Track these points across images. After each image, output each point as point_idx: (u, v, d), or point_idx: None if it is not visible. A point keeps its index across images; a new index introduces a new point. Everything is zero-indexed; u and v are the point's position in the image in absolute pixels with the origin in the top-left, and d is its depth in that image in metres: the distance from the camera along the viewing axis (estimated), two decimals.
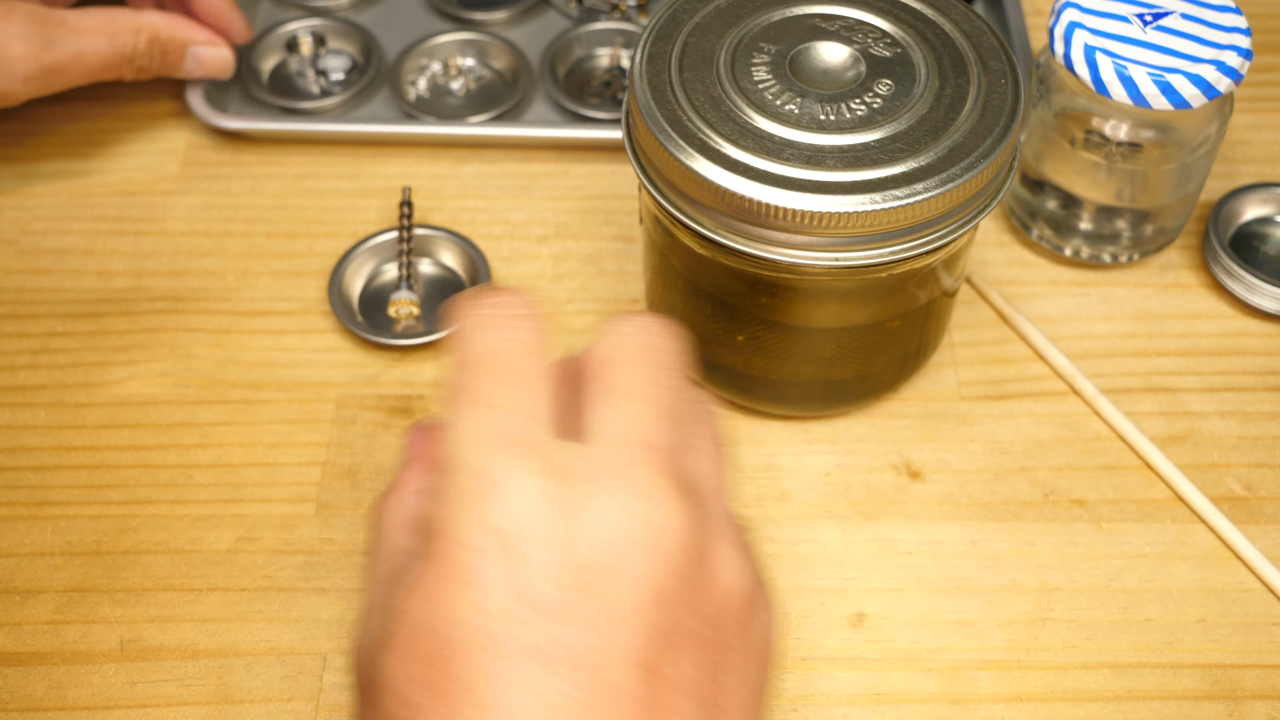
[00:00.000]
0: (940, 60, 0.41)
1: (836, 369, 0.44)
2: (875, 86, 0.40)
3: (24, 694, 0.40)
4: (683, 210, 0.39)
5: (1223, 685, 0.40)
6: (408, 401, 0.47)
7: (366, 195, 0.54)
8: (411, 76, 0.58)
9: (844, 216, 0.37)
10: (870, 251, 0.38)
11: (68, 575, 0.43)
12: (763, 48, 0.41)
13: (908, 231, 0.38)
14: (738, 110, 0.39)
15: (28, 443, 0.46)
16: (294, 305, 0.50)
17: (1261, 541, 0.43)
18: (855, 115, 0.39)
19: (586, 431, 0.30)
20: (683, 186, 0.39)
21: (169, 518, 0.44)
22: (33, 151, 0.56)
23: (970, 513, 0.44)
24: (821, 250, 0.38)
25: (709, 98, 0.40)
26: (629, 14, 0.60)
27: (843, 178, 0.37)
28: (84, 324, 0.49)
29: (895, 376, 0.46)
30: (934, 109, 0.39)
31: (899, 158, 0.38)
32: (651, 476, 0.29)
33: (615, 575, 0.28)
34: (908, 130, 0.39)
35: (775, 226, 0.38)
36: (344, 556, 0.43)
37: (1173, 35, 0.46)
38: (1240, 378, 0.48)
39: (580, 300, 0.50)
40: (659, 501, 0.28)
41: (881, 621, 0.42)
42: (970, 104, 0.39)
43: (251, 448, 0.46)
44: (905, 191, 0.37)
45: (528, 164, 0.55)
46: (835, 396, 0.46)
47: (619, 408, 0.30)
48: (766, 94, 0.40)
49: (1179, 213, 0.50)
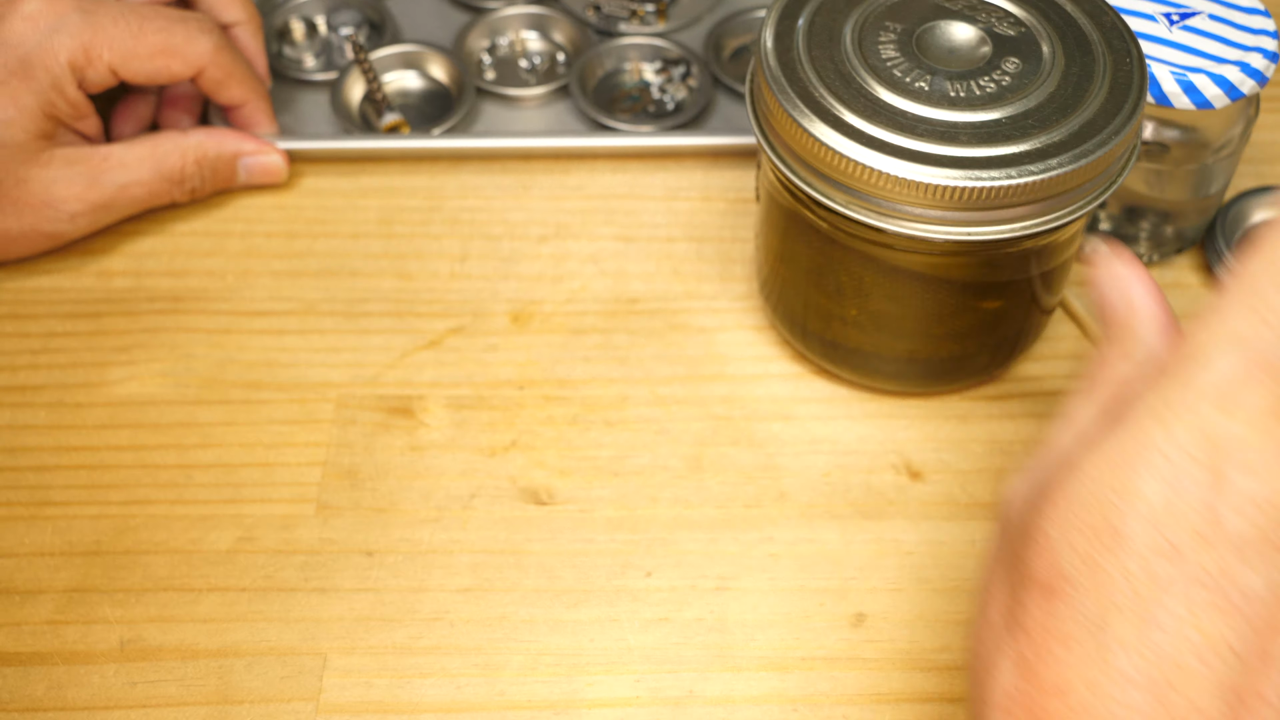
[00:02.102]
0: (1065, 39, 0.42)
1: (942, 347, 0.45)
2: (1003, 64, 0.41)
3: (24, 694, 0.40)
4: (816, 188, 0.40)
5: None
6: (408, 401, 0.47)
7: (366, 194, 0.54)
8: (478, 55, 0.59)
9: (980, 191, 0.38)
10: (1000, 226, 0.39)
11: (68, 575, 0.43)
12: (888, 26, 0.42)
13: (1038, 204, 0.39)
14: (868, 87, 0.40)
15: (28, 443, 0.46)
16: (294, 305, 0.50)
17: None
18: (985, 92, 0.40)
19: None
20: (815, 163, 0.40)
21: (169, 518, 0.44)
22: None
23: (970, 513, 0.44)
24: (953, 225, 0.39)
25: (839, 74, 0.40)
26: (648, 19, 0.60)
27: (977, 153, 0.38)
28: (84, 324, 0.49)
29: (990, 360, 0.47)
30: (1062, 86, 0.40)
31: (1031, 134, 0.39)
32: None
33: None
34: (1038, 107, 0.40)
35: (909, 202, 0.39)
36: (344, 556, 0.43)
37: (1199, 35, 0.46)
38: None
39: (580, 300, 0.50)
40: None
41: (881, 621, 0.42)
42: (1098, 81, 0.40)
43: (251, 448, 0.46)
44: (1040, 166, 0.38)
45: (528, 164, 0.55)
46: (937, 375, 0.47)
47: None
48: (895, 71, 0.40)
49: (1200, 215, 0.50)
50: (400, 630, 0.41)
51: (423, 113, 0.57)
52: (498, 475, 0.45)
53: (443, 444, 0.46)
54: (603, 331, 0.49)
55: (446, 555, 0.43)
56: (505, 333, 0.49)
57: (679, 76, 0.58)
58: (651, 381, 0.48)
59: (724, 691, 0.40)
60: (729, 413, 0.47)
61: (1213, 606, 0.26)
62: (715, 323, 0.50)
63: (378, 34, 0.60)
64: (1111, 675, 0.26)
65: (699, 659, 0.41)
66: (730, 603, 0.42)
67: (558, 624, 0.42)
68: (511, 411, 0.47)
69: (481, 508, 0.44)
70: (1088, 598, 0.27)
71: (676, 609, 0.42)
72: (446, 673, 0.40)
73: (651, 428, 0.47)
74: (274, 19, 0.59)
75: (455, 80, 0.57)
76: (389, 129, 0.55)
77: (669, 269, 0.51)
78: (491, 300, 0.50)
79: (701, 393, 0.48)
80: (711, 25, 0.59)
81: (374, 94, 0.56)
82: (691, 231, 0.53)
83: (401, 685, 0.40)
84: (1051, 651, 0.27)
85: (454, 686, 0.40)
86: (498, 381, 0.48)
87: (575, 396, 0.47)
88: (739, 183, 0.54)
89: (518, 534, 0.44)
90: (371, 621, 0.42)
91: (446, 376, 0.48)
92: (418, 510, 0.44)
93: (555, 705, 0.40)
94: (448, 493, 0.45)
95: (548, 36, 0.60)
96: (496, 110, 0.57)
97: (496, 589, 0.42)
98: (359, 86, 0.57)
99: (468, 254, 0.52)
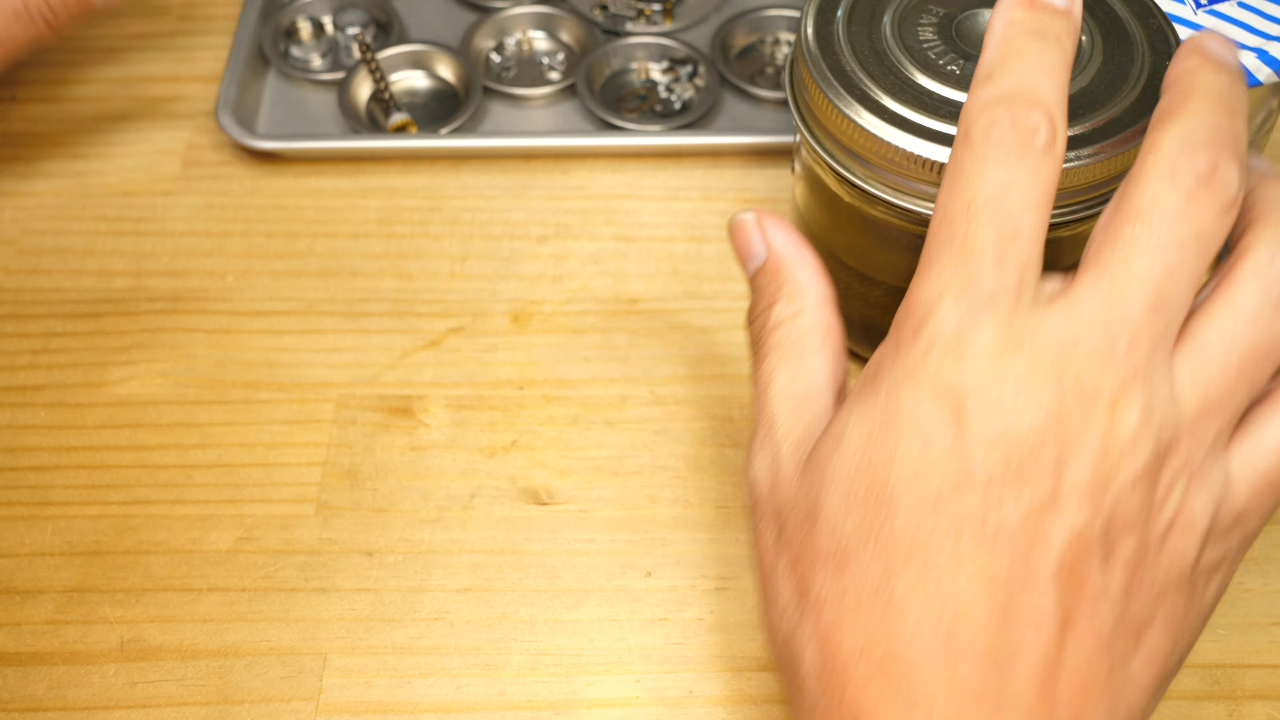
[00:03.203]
0: (1107, 37, 0.42)
1: None
2: None
3: (24, 694, 0.40)
4: (839, 161, 0.41)
5: (1222, 685, 0.40)
6: (408, 401, 0.47)
7: (366, 194, 0.54)
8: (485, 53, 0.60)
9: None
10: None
11: (68, 575, 0.43)
12: (931, 10, 0.42)
13: (1059, 198, 0.39)
14: (900, 66, 0.40)
15: (28, 443, 0.46)
16: (294, 305, 0.50)
17: (1261, 541, 0.43)
18: None
19: (1073, 288, 0.29)
20: (839, 136, 0.40)
21: (169, 518, 0.44)
22: (33, 151, 0.56)
23: None
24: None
25: (874, 52, 0.41)
26: (654, 18, 0.60)
27: None
28: (84, 324, 0.49)
29: None
30: (1095, 83, 0.40)
31: None
32: (1114, 376, 0.28)
33: (1040, 464, 0.28)
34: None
35: (927, 181, 0.39)
36: (344, 556, 0.43)
37: (1222, 20, 0.46)
38: None
39: (580, 300, 0.50)
40: (1103, 405, 0.28)
41: None
42: (1133, 81, 0.40)
43: (251, 448, 0.46)
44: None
45: (528, 164, 0.55)
46: None
47: (1108, 278, 0.29)
48: (930, 53, 0.41)
49: None
50: (400, 630, 0.41)
51: (430, 112, 0.57)
52: (498, 475, 0.45)
53: (443, 444, 0.46)
54: (603, 331, 0.49)
55: (446, 555, 0.43)
56: (505, 333, 0.49)
57: (686, 76, 0.58)
58: (651, 381, 0.48)
59: (724, 691, 0.40)
60: (729, 413, 0.47)
61: (978, 545, 0.28)
62: (715, 323, 0.50)
63: (384, 34, 0.60)
64: (904, 628, 0.28)
65: (699, 659, 0.41)
66: (730, 603, 0.42)
67: (558, 624, 0.42)
68: (511, 411, 0.47)
69: (481, 508, 0.44)
70: (872, 562, 0.29)
71: (676, 609, 0.42)
72: (446, 673, 0.40)
73: (651, 428, 0.47)
74: (280, 19, 0.59)
75: (462, 80, 0.57)
76: (396, 129, 0.55)
77: (669, 269, 0.51)
78: (491, 300, 0.50)
79: (701, 393, 0.48)
80: (718, 24, 0.59)
81: (381, 94, 0.56)
82: (691, 231, 0.53)
83: (401, 685, 0.40)
84: (846, 620, 0.29)
85: (454, 686, 0.40)
86: (498, 381, 0.48)
87: (575, 396, 0.47)
88: (740, 182, 0.54)
89: (518, 534, 0.44)
90: (371, 621, 0.42)
91: (446, 376, 0.48)
92: (418, 510, 0.44)
93: (555, 705, 0.40)
94: (448, 493, 0.45)
95: (555, 36, 0.60)
96: (504, 110, 0.57)
97: (496, 589, 0.42)
98: (366, 86, 0.57)
99: (468, 254, 0.52)
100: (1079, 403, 0.28)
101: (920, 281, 0.30)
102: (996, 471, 0.28)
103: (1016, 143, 0.29)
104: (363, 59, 0.56)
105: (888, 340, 0.31)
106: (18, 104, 0.58)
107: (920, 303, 0.30)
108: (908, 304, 0.30)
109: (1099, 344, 0.28)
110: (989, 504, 0.28)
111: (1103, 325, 0.29)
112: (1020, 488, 0.28)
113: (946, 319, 0.29)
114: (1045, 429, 0.28)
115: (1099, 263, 0.29)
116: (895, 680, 0.28)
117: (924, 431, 0.29)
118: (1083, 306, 0.29)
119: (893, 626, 0.28)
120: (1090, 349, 0.28)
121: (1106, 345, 0.28)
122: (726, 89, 0.57)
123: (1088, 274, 0.30)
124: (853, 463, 0.30)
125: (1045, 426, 0.28)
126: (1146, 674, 0.30)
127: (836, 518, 0.29)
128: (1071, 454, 0.28)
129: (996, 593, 0.28)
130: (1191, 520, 0.30)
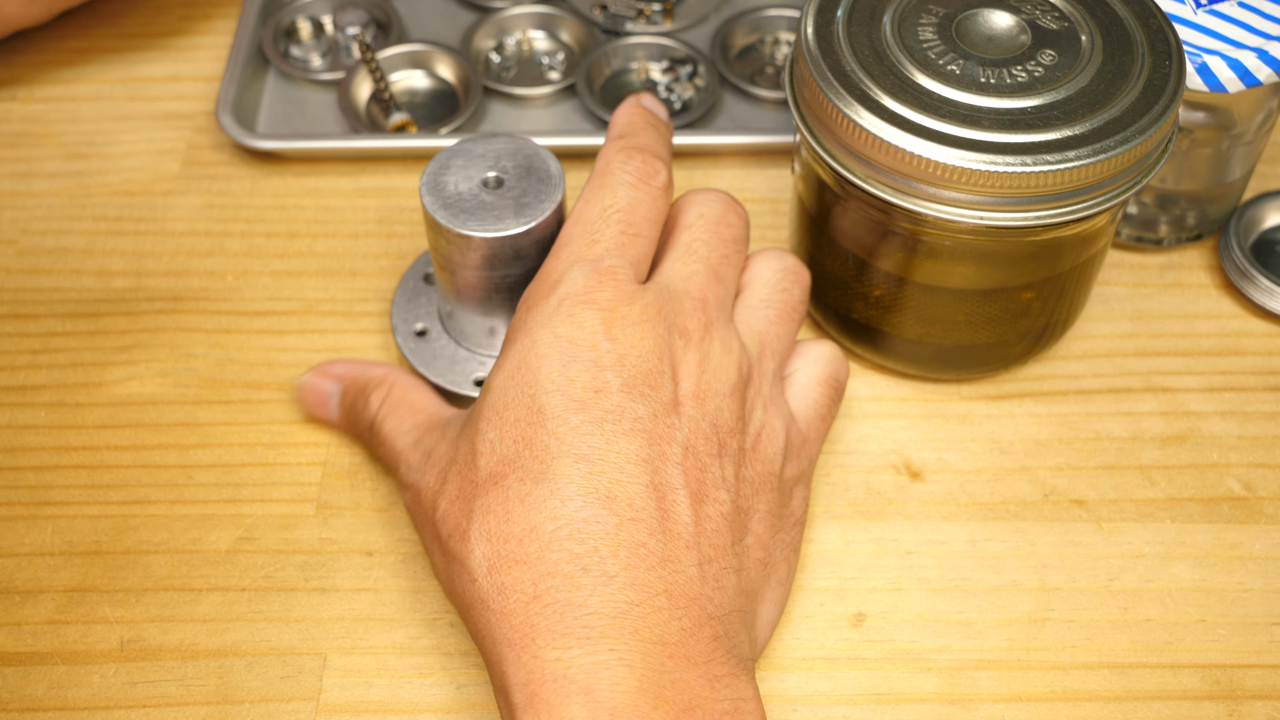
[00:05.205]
0: (1107, 37, 0.42)
1: (967, 333, 0.45)
2: (1038, 56, 0.41)
3: (24, 694, 0.40)
4: (836, 158, 0.41)
5: (1223, 685, 0.40)
6: None
7: (366, 195, 0.54)
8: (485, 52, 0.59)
9: (993, 175, 0.38)
10: (1015, 214, 0.39)
11: (68, 575, 0.43)
12: (931, 9, 0.42)
13: (1055, 198, 0.39)
14: (899, 65, 0.40)
15: (28, 443, 0.46)
16: (294, 305, 0.50)
17: (1261, 541, 0.43)
18: (1015, 81, 0.40)
19: (657, 273, 0.39)
20: (838, 133, 0.40)
21: (169, 518, 0.44)
22: (33, 151, 0.56)
23: (970, 513, 0.44)
24: (967, 208, 0.39)
25: (873, 51, 0.41)
26: (654, 18, 0.60)
27: (995, 138, 0.39)
28: (84, 324, 0.49)
29: (1027, 350, 0.47)
30: (1095, 82, 0.40)
31: (1054, 125, 0.39)
32: (699, 322, 0.38)
33: (659, 378, 0.36)
34: (1065, 100, 0.40)
35: (924, 180, 0.39)
36: (344, 556, 0.43)
37: (1222, 20, 0.46)
38: (1240, 378, 0.48)
39: None
40: (695, 339, 0.38)
41: (881, 621, 0.42)
42: (1132, 82, 0.40)
43: (251, 448, 0.46)
44: (1057, 157, 0.38)
45: None
46: (965, 361, 0.47)
47: (682, 262, 0.39)
48: (930, 53, 0.41)
49: (1217, 203, 0.50)
50: (400, 630, 0.41)
51: (430, 112, 0.57)
52: None
53: None
54: None
55: None
56: None
57: (686, 76, 0.58)
58: None
59: None
60: None
61: (620, 433, 0.35)
62: None
63: (384, 33, 0.60)
64: (568, 504, 0.34)
65: None
66: None
67: None
68: None
69: None
70: (532, 462, 0.35)
71: None
72: (446, 673, 0.40)
73: None
74: (281, 19, 0.59)
75: (462, 80, 0.57)
76: (396, 128, 0.55)
77: None
78: None
79: None
80: (718, 24, 0.59)
81: (381, 93, 0.56)
82: None
83: (401, 685, 0.40)
84: (513, 512, 0.34)
85: (454, 686, 0.40)
86: None
87: None
88: (740, 182, 0.54)
89: None
90: (371, 621, 0.42)
91: None
92: None
93: None
94: None
95: (555, 36, 0.60)
96: (504, 110, 0.57)
97: None
98: (366, 86, 0.57)
99: None
100: (680, 336, 0.37)
101: (553, 260, 0.39)
102: (628, 382, 0.36)
103: (646, 177, 0.40)
104: (363, 59, 0.56)
105: (519, 309, 0.38)
106: (18, 104, 0.58)
107: (553, 271, 0.38)
108: (540, 276, 0.39)
109: (684, 303, 0.38)
110: (625, 405, 0.35)
111: (684, 290, 0.38)
112: (649, 391, 0.36)
113: (575, 281, 0.37)
114: (660, 352, 0.37)
115: (673, 255, 0.40)
116: (569, 546, 0.34)
117: (562, 355, 0.36)
118: (671, 279, 0.39)
119: (559, 505, 0.34)
120: (678, 305, 0.38)
121: (691, 303, 0.38)
122: (726, 89, 0.58)
123: (665, 263, 0.40)
124: (501, 398, 0.36)
125: (659, 351, 0.37)
126: (757, 551, 0.37)
127: (494, 444, 0.36)
128: (680, 371, 0.37)
129: (644, 468, 0.35)
130: (773, 435, 0.39)
